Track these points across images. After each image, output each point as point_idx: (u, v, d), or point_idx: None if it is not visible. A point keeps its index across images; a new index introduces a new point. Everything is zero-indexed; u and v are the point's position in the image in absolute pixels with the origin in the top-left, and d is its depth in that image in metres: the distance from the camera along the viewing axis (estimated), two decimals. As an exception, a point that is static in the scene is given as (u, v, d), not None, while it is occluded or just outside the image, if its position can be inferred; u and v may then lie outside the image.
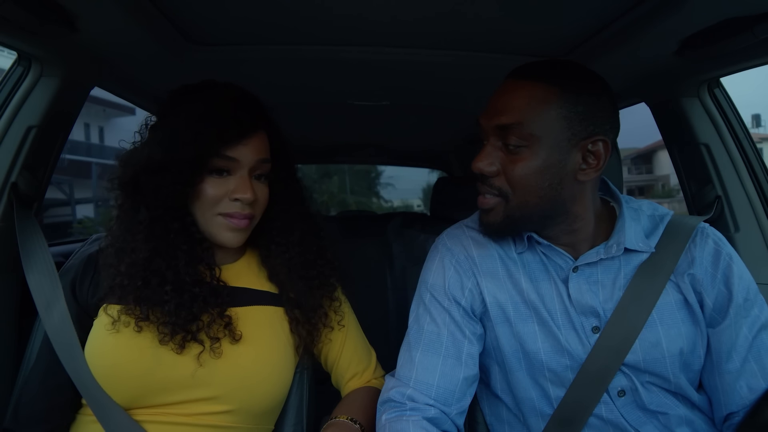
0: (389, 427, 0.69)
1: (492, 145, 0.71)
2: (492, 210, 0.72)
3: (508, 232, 0.75)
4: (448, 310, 0.76)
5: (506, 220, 0.72)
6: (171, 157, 0.69)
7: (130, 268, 0.70)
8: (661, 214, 0.78)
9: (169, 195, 0.70)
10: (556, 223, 0.73)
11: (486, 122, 0.71)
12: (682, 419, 0.71)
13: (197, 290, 0.72)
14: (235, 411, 0.73)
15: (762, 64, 0.87)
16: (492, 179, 0.71)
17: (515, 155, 0.69)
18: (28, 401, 0.74)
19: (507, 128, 0.68)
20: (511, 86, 0.70)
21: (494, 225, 0.73)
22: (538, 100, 0.67)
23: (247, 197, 0.72)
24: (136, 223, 0.71)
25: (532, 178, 0.68)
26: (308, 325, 0.81)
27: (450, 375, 0.73)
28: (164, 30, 0.89)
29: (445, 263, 0.79)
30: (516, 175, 0.69)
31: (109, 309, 0.72)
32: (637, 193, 19.66)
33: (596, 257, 0.73)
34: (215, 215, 0.73)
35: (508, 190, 0.70)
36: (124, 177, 0.72)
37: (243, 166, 0.73)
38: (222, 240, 0.75)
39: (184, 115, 0.71)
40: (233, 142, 0.71)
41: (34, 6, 0.70)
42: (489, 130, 0.71)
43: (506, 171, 0.70)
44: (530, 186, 0.69)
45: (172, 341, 0.70)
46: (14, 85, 0.90)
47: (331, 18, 0.87)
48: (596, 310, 0.72)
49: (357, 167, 11.92)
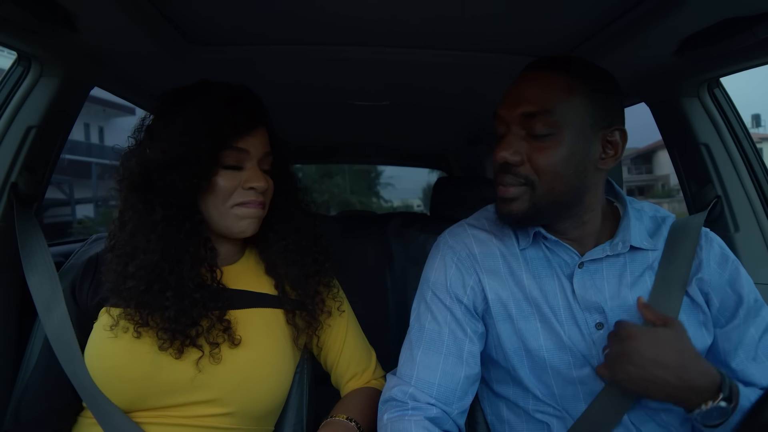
0: (391, 426, 0.69)
1: (514, 135, 0.70)
2: (516, 199, 0.71)
3: (529, 221, 0.74)
4: (450, 308, 0.76)
5: (532, 209, 0.71)
6: (188, 149, 0.70)
7: (140, 270, 0.70)
8: (662, 216, 0.79)
9: (185, 189, 0.71)
10: (569, 214, 0.74)
11: (508, 112, 0.71)
12: (684, 418, 0.71)
13: (197, 295, 0.71)
14: (235, 413, 0.73)
15: (762, 64, 0.87)
16: (517, 168, 0.70)
17: (542, 143, 0.69)
18: (28, 403, 0.74)
19: (533, 116, 0.68)
20: (533, 77, 0.71)
21: (518, 214, 0.72)
22: (563, 89, 0.68)
23: (262, 185, 0.75)
24: (150, 224, 0.71)
25: (559, 165, 0.69)
26: (308, 317, 0.81)
27: (451, 374, 0.73)
28: (164, 30, 0.89)
29: (446, 261, 0.79)
30: (543, 162, 0.69)
31: (108, 312, 0.72)
32: (637, 193, 19.65)
33: (602, 254, 0.73)
34: (231, 207, 0.75)
35: (534, 177, 0.70)
36: (134, 177, 0.72)
37: (253, 158, 0.76)
38: (239, 229, 0.76)
39: (198, 109, 0.72)
40: (244, 134, 0.74)
41: (34, 6, 0.70)
42: (511, 120, 0.70)
43: (532, 159, 0.69)
44: (557, 173, 0.69)
45: (171, 347, 0.70)
46: (14, 85, 0.90)
47: (332, 18, 0.87)
48: (600, 306, 0.72)
49: (357, 167, 11.91)
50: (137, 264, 0.70)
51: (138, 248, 0.71)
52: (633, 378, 0.63)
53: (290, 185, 0.86)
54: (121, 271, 0.71)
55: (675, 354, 0.63)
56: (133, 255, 0.71)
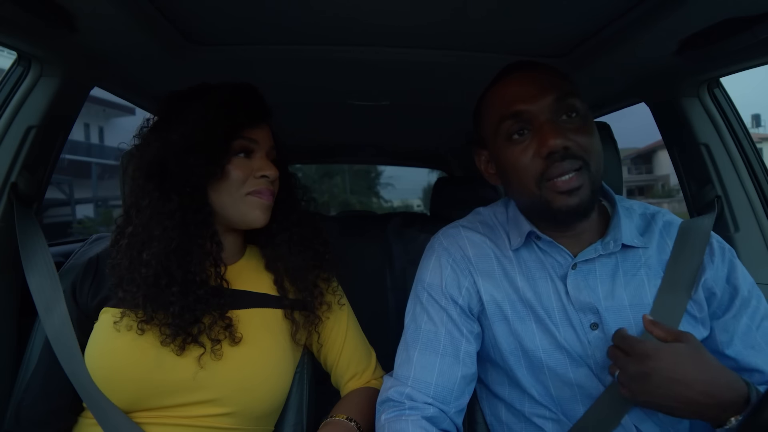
0: (388, 427, 0.69)
1: (552, 122, 0.68)
2: (581, 187, 0.68)
3: (591, 208, 0.71)
4: (446, 309, 0.76)
5: (592, 194, 0.69)
6: (204, 135, 0.73)
7: (153, 259, 0.70)
8: (651, 213, 0.79)
9: (201, 177, 0.73)
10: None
11: (537, 103, 0.68)
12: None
13: (201, 292, 0.72)
14: (235, 413, 0.73)
15: (762, 64, 0.87)
16: (572, 150, 0.67)
17: (582, 125, 0.69)
18: (29, 404, 0.74)
19: (566, 98, 0.69)
20: (538, 73, 0.72)
21: (585, 202, 0.69)
22: (568, 78, 0.72)
23: (273, 173, 0.79)
24: (166, 212, 0.72)
25: (598, 144, 0.70)
26: (308, 314, 0.82)
27: (448, 373, 0.73)
28: (164, 30, 0.90)
29: (442, 262, 0.79)
30: (588, 141, 0.68)
31: (110, 312, 0.72)
32: (637, 193, 19.65)
33: (594, 254, 0.73)
34: (244, 195, 0.77)
35: (588, 157, 0.68)
36: (152, 164, 0.73)
37: (262, 148, 0.79)
38: (252, 219, 0.78)
39: (212, 101, 0.75)
40: (254, 125, 0.78)
41: (34, 6, 0.70)
42: (540, 111, 0.68)
43: (577, 141, 0.67)
44: (600, 152, 0.70)
45: (173, 343, 0.70)
46: (14, 85, 0.90)
47: (331, 18, 0.87)
48: (594, 306, 0.72)
49: (357, 167, 11.92)
50: (152, 252, 0.70)
51: (153, 236, 0.71)
52: (657, 399, 0.60)
53: (290, 182, 0.88)
54: (133, 259, 0.71)
55: (697, 370, 0.59)
56: (147, 243, 0.71)
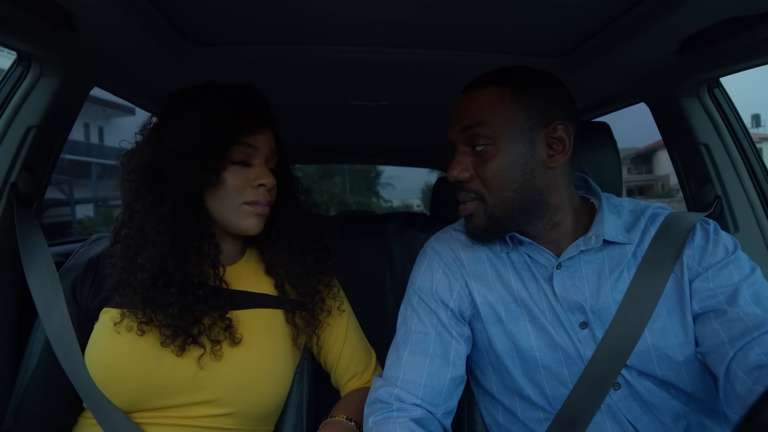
0: (376, 429, 0.69)
1: (461, 152, 0.74)
2: (473, 215, 0.74)
3: (494, 233, 0.75)
4: (436, 312, 0.77)
5: (489, 221, 0.73)
6: (200, 140, 0.72)
7: (148, 263, 0.70)
8: (642, 208, 0.79)
9: (195, 182, 0.72)
10: (537, 217, 0.74)
11: (452, 131, 0.75)
12: (678, 413, 0.71)
13: (200, 293, 0.72)
14: (235, 414, 0.73)
15: (762, 64, 0.87)
16: (467, 184, 0.74)
17: (484, 156, 0.72)
18: (29, 404, 0.74)
19: (471, 129, 0.72)
20: (468, 97, 0.74)
21: (479, 229, 0.74)
22: (493, 101, 0.71)
23: (271, 181, 0.77)
24: (159, 215, 0.71)
25: (503, 174, 0.71)
26: (307, 316, 0.82)
27: (437, 375, 0.73)
28: (164, 30, 0.89)
29: (433, 266, 0.80)
30: (488, 174, 0.71)
31: (111, 312, 0.72)
32: (636, 193, 19.66)
33: (576, 250, 0.74)
34: (240, 204, 0.76)
35: (483, 191, 0.73)
36: (146, 167, 0.73)
37: (261, 155, 0.77)
38: (245, 227, 0.77)
39: (211, 105, 0.74)
40: (253, 130, 0.76)
41: (34, 6, 0.70)
42: (456, 138, 0.74)
43: (479, 173, 0.72)
44: (503, 182, 0.71)
45: (173, 344, 0.70)
46: (14, 85, 0.90)
47: (331, 18, 0.87)
48: (582, 305, 0.72)
49: (357, 167, 11.92)
50: (146, 256, 0.70)
51: (147, 240, 0.71)
52: None
53: (292, 186, 0.87)
54: (129, 263, 0.71)
55: None
56: (142, 247, 0.71)
